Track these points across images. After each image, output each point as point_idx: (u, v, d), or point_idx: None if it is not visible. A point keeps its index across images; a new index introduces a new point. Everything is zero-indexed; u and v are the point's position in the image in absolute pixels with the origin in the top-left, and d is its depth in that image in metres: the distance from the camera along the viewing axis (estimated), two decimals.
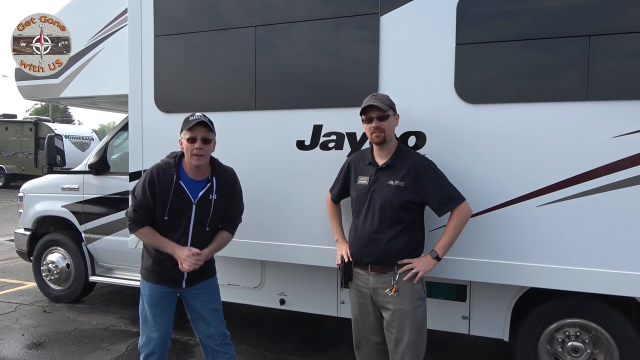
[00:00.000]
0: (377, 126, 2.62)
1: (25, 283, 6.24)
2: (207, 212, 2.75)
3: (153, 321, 2.80)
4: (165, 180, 2.68)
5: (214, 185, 2.76)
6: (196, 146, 2.64)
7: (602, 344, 3.01)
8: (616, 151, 2.62)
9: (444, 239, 2.63)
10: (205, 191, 2.73)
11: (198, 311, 2.87)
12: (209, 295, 2.89)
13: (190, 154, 2.66)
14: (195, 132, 2.65)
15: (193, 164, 2.67)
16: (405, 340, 2.54)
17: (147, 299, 2.81)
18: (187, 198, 2.70)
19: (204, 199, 2.73)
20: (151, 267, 2.79)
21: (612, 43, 2.65)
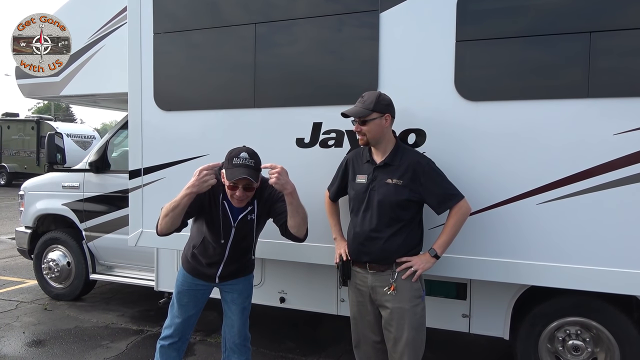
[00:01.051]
0: (358, 130, 2.64)
1: (26, 281, 6.25)
2: (244, 232, 2.77)
3: (178, 308, 2.88)
4: (214, 196, 2.67)
5: (254, 208, 2.75)
6: (237, 194, 2.59)
7: (603, 343, 3.00)
8: (617, 149, 2.60)
9: (442, 237, 2.61)
10: (245, 213, 2.73)
11: (229, 305, 2.94)
12: (238, 293, 2.93)
13: (230, 196, 2.63)
14: (237, 181, 2.55)
15: (234, 204, 2.67)
16: (404, 339, 2.53)
17: (177, 285, 2.89)
18: (228, 221, 2.72)
19: (244, 221, 2.74)
20: (189, 259, 2.87)
21: (613, 40, 2.63)
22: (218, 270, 2.83)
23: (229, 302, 2.94)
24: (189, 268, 2.88)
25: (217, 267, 2.83)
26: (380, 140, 2.64)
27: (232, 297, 2.92)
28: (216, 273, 2.84)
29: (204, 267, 2.83)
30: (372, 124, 2.60)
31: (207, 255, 2.81)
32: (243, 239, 2.79)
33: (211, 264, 2.82)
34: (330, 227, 2.95)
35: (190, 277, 2.88)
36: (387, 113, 2.61)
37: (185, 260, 2.91)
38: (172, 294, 2.94)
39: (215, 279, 2.86)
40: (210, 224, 2.73)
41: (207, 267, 2.83)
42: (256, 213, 2.77)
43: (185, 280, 2.88)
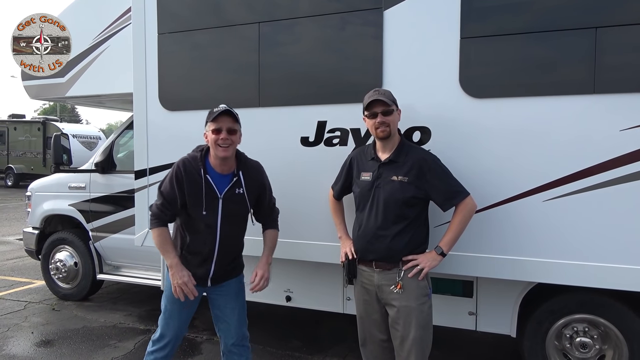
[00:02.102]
0: (382, 121, 2.59)
1: (34, 281, 6.30)
2: (234, 207, 2.71)
3: (172, 312, 2.77)
4: (192, 175, 2.64)
5: (241, 179, 2.71)
6: (222, 137, 2.58)
7: (611, 340, 2.98)
8: (623, 144, 2.58)
9: (448, 234, 2.61)
10: (231, 185, 2.69)
11: (221, 309, 2.84)
12: (233, 295, 2.85)
13: (215, 145, 2.60)
14: (220, 122, 2.60)
15: (219, 155, 2.61)
16: (411, 337, 2.53)
17: (168, 293, 2.76)
18: (213, 193, 2.65)
19: (231, 193, 2.68)
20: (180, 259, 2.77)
21: (619, 35, 2.60)
22: (210, 269, 2.74)
23: (221, 306, 2.84)
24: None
25: (209, 264, 2.73)
26: (394, 134, 2.65)
27: (225, 300, 2.83)
28: (208, 273, 2.75)
29: (195, 267, 2.71)
30: (394, 116, 2.63)
31: (197, 248, 2.71)
32: (233, 216, 2.71)
33: (203, 262, 2.72)
34: (335, 226, 2.95)
35: None
36: (399, 108, 2.67)
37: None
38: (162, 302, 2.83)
39: (207, 281, 2.76)
40: (195, 203, 2.64)
41: (198, 267, 2.72)
42: (244, 186, 2.71)
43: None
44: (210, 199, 2.66)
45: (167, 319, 2.79)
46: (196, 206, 2.65)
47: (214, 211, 2.67)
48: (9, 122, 20.47)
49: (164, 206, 2.69)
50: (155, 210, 2.71)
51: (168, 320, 2.78)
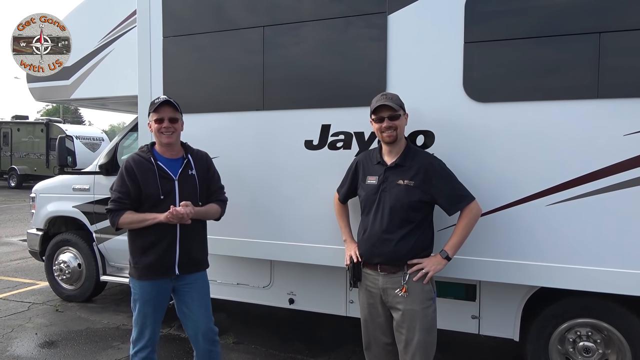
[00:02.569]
0: (389, 125, 2.61)
1: (37, 282, 6.32)
2: (190, 188, 2.84)
3: (144, 318, 2.82)
4: (143, 164, 2.79)
5: (190, 161, 2.89)
6: (164, 125, 2.78)
7: (614, 344, 2.98)
8: (628, 149, 2.59)
9: (453, 238, 2.61)
10: (183, 167, 2.85)
11: (189, 306, 2.88)
12: (199, 290, 2.91)
13: (159, 133, 2.80)
14: (162, 112, 2.79)
15: (164, 141, 2.81)
16: (415, 341, 2.53)
17: (138, 298, 2.81)
18: (168, 175, 2.80)
19: (185, 175, 2.84)
20: (140, 262, 2.78)
21: (623, 40, 2.61)
22: (175, 255, 2.78)
23: (189, 303, 2.87)
24: (144, 272, 2.78)
25: (173, 250, 2.77)
26: (401, 139, 2.67)
27: (192, 297, 2.87)
28: (174, 261, 2.78)
29: (160, 257, 2.75)
30: (402, 121, 2.65)
31: (159, 237, 2.74)
32: (190, 198, 2.76)
33: (167, 249, 2.75)
34: (340, 229, 2.96)
35: (147, 285, 2.79)
36: (406, 113, 2.68)
37: (136, 271, 2.81)
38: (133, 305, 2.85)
39: (174, 269, 2.78)
40: (152, 190, 2.73)
41: (163, 256, 2.76)
42: (194, 169, 2.88)
43: (144, 290, 2.80)
44: (166, 182, 2.79)
45: (142, 318, 2.83)
46: (153, 192, 2.75)
47: (172, 194, 2.79)
48: (12, 123, 20.55)
49: (120, 198, 2.76)
50: (112, 204, 2.77)
51: (144, 319, 2.82)
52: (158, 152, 2.86)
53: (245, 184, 3.48)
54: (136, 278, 2.81)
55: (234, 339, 4.40)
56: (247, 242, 3.50)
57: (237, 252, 3.64)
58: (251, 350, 4.19)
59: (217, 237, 3.57)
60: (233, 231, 3.53)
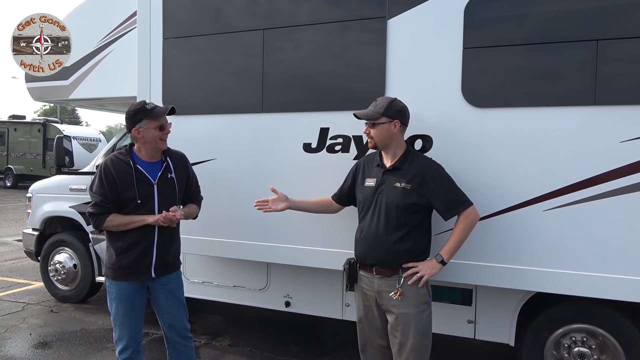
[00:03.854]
0: (366, 132, 2.70)
1: (32, 283, 6.29)
2: (170, 192, 2.86)
3: (123, 317, 2.82)
4: (121, 168, 2.77)
5: (169, 164, 2.89)
6: (166, 132, 2.84)
7: (609, 350, 2.99)
8: (624, 156, 2.61)
9: (449, 243, 2.62)
10: (162, 171, 2.85)
11: (163, 305, 2.91)
12: (172, 291, 2.93)
13: (158, 140, 2.81)
14: (162, 120, 2.83)
15: (162, 147, 2.85)
16: (409, 345, 2.53)
17: (115, 297, 2.81)
18: (147, 179, 2.79)
19: (164, 178, 2.84)
20: (117, 263, 2.78)
21: (620, 47, 2.64)
22: (152, 258, 2.79)
23: (162, 303, 2.90)
24: (121, 274, 2.79)
25: (150, 253, 2.79)
26: (388, 145, 2.67)
27: (166, 297, 2.90)
28: (150, 264, 2.79)
29: (136, 260, 2.77)
30: (381, 128, 2.63)
31: (135, 240, 2.75)
32: (168, 200, 2.81)
33: (143, 253, 2.77)
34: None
35: (123, 285, 2.79)
36: (397, 119, 2.63)
37: (112, 271, 2.81)
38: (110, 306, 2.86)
39: (150, 273, 2.80)
40: (129, 194, 2.74)
41: (139, 259, 2.77)
42: (173, 172, 2.89)
43: (120, 289, 2.80)
44: (144, 186, 2.78)
45: (121, 318, 2.83)
46: (131, 197, 2.75)
47: (151, 198, 2.78)
48: (9, 123, 20.49)
49: (103, 202, 2.74)
50: (95, 209, 2.75)
51: (122, 318, 2.83)
52: (137, 156, 2.84)
53: (243, 186, 3.48)
54: (112, 279, 2.82)
55: (229, 341, 4.40)
56: (244, 245, 3.50)
57: (234, 254, 3.64)
58: (247, 353, 4.18)
59: (214, 239, 3.57)
60: (230, 233, 3.53)
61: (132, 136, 2.85)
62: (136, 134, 2.80)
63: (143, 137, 2.79)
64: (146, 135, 2.78)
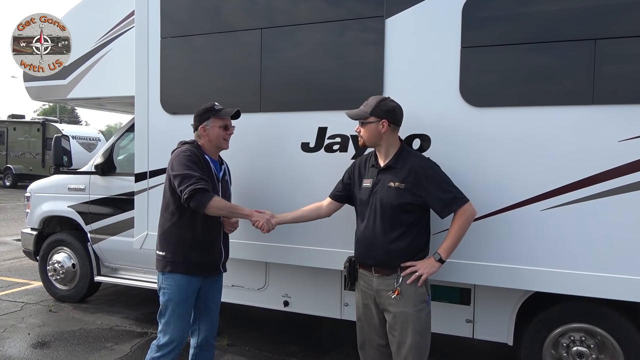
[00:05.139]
0: (357, 130, 2.74)
1: (31, 282, 6.28)
2: (226, 192, 3.01)
3: (180, 319, 2.80)
4: (200, 158, 2.85)
5: (226, 167, 3.09)
6: (229, 132, 2.97)
7: (608, 350, 2.99)
8: (622, 155, 2.60)
9: (447, 241, 2.60)
10: (223, 171, 3.02)
11: (208, 303, 2.98)
12: (219, 289, 3.08)
13: (222, 139, 2.93)
14: (227, 120, 2.96)
15: (225, 147, 2.99)
16: (407, 343, 2.53)
17: (174, 296, 2.77)
18: (215, 175, 2.91)
19: (223, 178, 3.01)
20: (189, 257, 2.79)
21: (618, 46, 2.64)
22: (222, 253, 2.95)
23: (208, 300, 2.98)
24: (189, 267, 2.79)
25: (219, 248, 2.93)
26: (378, 144, 2.67)
27: (213, 295, 3.01)
28: (221, 257, 2.96)
29: (209, 255, 2.88)
30: (369, 127, 2.64)
31: (209, 234, 2.86)
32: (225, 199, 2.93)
33: (215, 247, 2.91)
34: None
35: (185, 282, 2.78)
36: (385, 119, 2.61)
37: (180, 265, 2.77)
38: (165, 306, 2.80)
39: (220, 267, 2.96)
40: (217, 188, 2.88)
41: (213, 254, 2.90)
42: (228, 175, 3.08)
43: (181, 287, 2.77)
44: (213, 181, 2.87)
45: (175, 322, 2.79)
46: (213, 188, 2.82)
47: (217, 193, 2.87)
48: (8, 123, 20.48)
49: (204, 179, 2.74)
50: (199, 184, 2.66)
51: (177, 323, 2.80)
52: (206, 152, 2.93)
53: (241, 186, 3.47)
54: (183, 273, 2.78)
55: (228, 341, 4.39)
56: (243, 244, 3.50)
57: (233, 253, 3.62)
58: (245, 353, 4.18)
59: None
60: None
61: (197, 134, 2.94)
62: (202, 132, 2.91)
63: (208, 135, 2.90)
64: (211, 133, 2.90)
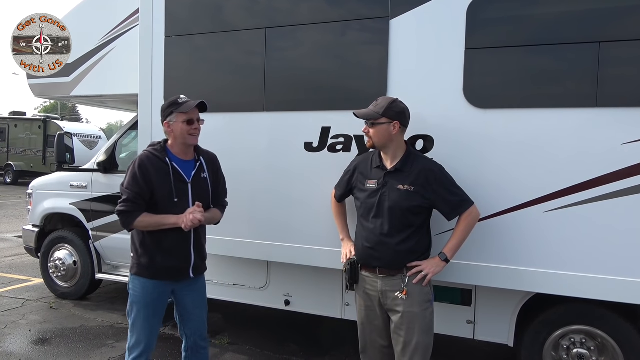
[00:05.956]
0: (365, 131, 2.71)
1: (32, 279, 6.29)
2: (203, 192, 2.81)
3: (144, 321, 2.74)
4: (158, 164, 2.70)
5: (203, 164, 2.84)
6: (194, 127, 2.75)
7: (608, 352, 3.00)
8: (625, 158, 2.61)
9: (452, 241, 2.63)
10: (197, 170, 2.81)
11: (190, 308, 2.87)
12: (200, 293, 2.91)
13: (187, 135, 2.73)
14: (192, 114, 2.75)
15: (191, 142, 2.77)
16: (414, 343, 2.54)
17: (139, 299, 2.73)
18: (182, 178, 2.74)
19: (198, 177, 2.80)
20: (155, 262, 2.70)
21: (622, 49, 2.64)
22: (191, 258, 2.76)
23: (188, 306, 2.85)
24: (153, 272, 2.71)
25: (189, 253, 2.75)
26: (387, 146, 2.66)
27: (193, 299, 2.87)
28: (190, 263, 2.76)
29: (176, 260, 2.73)
30: (379, 129, 2.63)
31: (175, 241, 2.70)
32: (201, 200, 2.73)
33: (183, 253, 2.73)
34: (338, 229, 2.97)
35: (150, 287, 2.72)
36: (397, 120, 2.62)
37: (143, 269, 2.72)
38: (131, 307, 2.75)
39: (189, 272, 2.77)
40: (166, 192, 2.68)
41: (180, 260, 2.74)
42: (206, 172, 2.84)
43: (146, 291, 2.72)
44: (180, 185, 2.73)
45: (141, 325, 2.74)
46: (167, 195, 2.69)
47: (185, 197, 2.74)
48: (9, 120, 20.48)
49: (135, 199, 2.67)
50: (126, 206, 2.67)
51: (143, 325, 2.74)
52: (172, 153, 2.77)
53: (244, 185, 3.48)
54: (148, 277, 2.72)
55: (228, 339, 4.40)
56: (244, 243, 3.51)
57: (234, 252, 3.64)
58: (246, 351, 4.19)
59: (215, 237, 3.56)
60: (230, 231, 3.53)
61: (164, 131, 2.80)
62: (166, 128, 2.77)
63: (173, 132, 2.75)
64: (175, 129, 2.73)
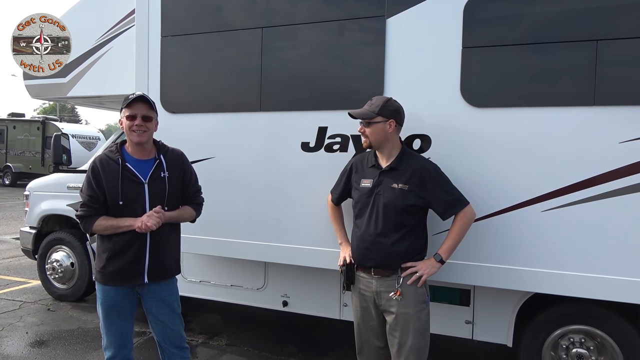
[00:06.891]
0: (361, 131, 2.68)
1: (29, 281, 6.27)
2: (162, 191, 2.68)
3: (109, 325, 2.69)
4: (109, 166, 2.62)
5: (162, 162, 2.71)
6: (136, 123, 2.60)
7: (607, 351, 2.99)
8: (623, 157, 2.60)
9: (447, 242, 2.61)
10: (154, 169, 2.67)
11: (154, 313, 2.78)
12: (165, 300, 2.77)
13: (130, 131, 2.61)
14: (135, 109, 2.61)
15: (134, 140, 2.63)
16: (408, 344, 2.53)
17: (101, 303, 2.69)
18: (136, 179, 2.63)
19: (155, 177, 2.67)
20: (107, 267, 2.65)
21: (620, 48, 2.63)
22: (145, 262, 2.64)
23: (155, 313, 2.77)
24: (110, 279, 2.65)
25: (143, 256, 2.64)
26: (383, 145, 2.65)
27: (158, 307, 2.76)
28: (143, 268, 2.64)
29: (128, 265, 2.62)
30: (375, 127, 2.62)
31: (127, 243, 2.60)
32: (160, 201, 2.65)
33: (136, 256, 2.62)
34: (335, 232, 2.95)
35: (109, 291, 2.66)
36: (392, 119, 2.62)
37: (101, 275, 2.67)
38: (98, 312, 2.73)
39: (143, 277, 2.64)
40: (115, 195, 2.59)
41: (132, 264, 2.63)
42: (167, 171, 2.70)
43: (107, 295, 2.66)
44: (132, 186, 2.62)
45: (107, 329, 2.71)
46: (114, 197, 2.60)
47: (140, 199, 2.63)
48: (8, 121, 20.47)
49: (91, 203, 2.61)
50: (83, 211, 2.62)
51: (109, 329, 2.71)
52: (128, 152, 2.68)
53: (241, 185, 3.47)
54: (101, 283, 2.68)
55: (226, 340, 4.39)
56: (242, 244, 3.49)
57: (232, 253, 3.62)
58: (244, 353, 4.17)
59: (212, 238, 3.56)
60: (227, 232, 3.52)
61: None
62: (120, 125, 2.68)
63: (123, 128, 2.66)
64: (123, 126, 2.64)
